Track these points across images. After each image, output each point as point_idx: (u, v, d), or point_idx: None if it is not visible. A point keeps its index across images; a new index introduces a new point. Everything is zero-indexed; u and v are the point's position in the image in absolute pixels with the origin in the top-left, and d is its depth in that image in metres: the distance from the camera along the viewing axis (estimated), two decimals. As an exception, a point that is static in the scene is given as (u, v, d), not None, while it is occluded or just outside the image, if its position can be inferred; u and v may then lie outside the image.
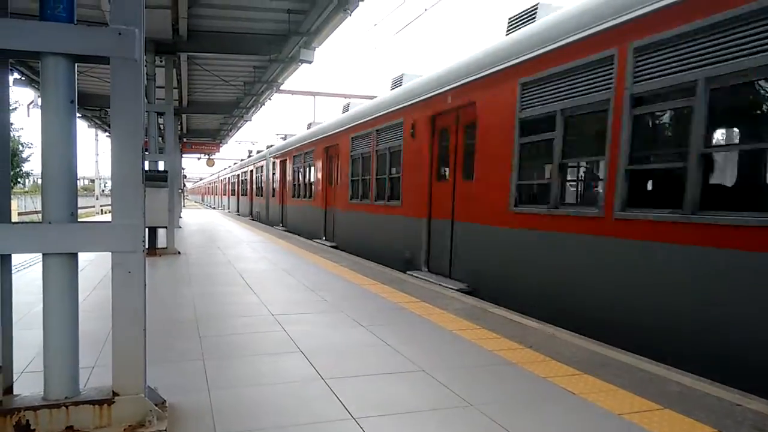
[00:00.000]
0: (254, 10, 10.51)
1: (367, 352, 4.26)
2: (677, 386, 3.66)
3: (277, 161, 21.13)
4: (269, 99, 17.90)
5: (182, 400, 3.22)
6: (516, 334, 4.93)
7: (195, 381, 3.58)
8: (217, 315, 5.51)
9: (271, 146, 25.57)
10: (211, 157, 37.99)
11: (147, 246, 8.33)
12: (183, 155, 29.47)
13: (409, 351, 4.30)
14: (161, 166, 11.43)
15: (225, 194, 40.58)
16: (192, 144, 30.11)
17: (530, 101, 6.54)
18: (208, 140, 30.82)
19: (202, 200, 75.40)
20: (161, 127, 16.68)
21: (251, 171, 28.41)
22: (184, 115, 22.09)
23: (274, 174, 22.14)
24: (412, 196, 9.46)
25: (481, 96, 7.51)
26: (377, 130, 11.18)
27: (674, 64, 4.73)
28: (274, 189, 21.82)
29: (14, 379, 2.86)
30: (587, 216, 5.57)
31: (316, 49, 11.39)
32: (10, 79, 2.85)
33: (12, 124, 2.95)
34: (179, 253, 11.02)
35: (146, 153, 10.49)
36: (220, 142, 32.10)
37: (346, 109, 15.69)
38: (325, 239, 14.90)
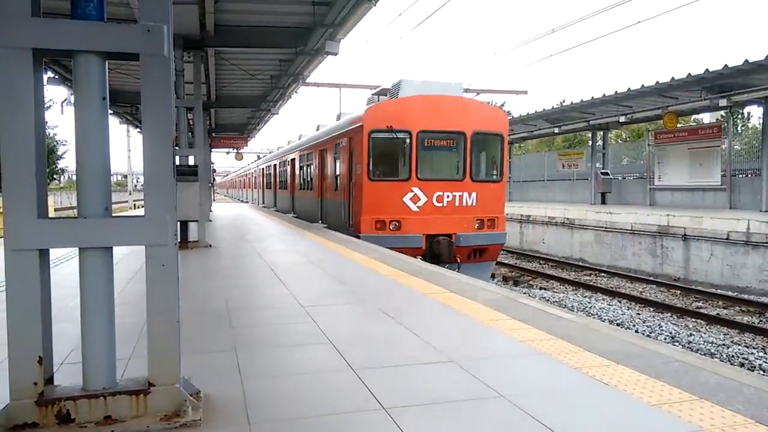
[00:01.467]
0: (279, 4, 10.55)
1: (395, 343, 4.27)
2: (714, 377, 3.59)
3: (288, 159, 24.86)
4: (295, 92, 17.99)
5: (216, 390, 3.28)
6: (547, 325, 4.89)
7: (228, 371, 3.64)
8: (247, 306, 5.59)
9: (290, 143, 29.03)
10: (239, 151, 38.60)
11: (179, 239, 8.55)
12: (212, 150, 29.87)
13: (438, 341, 4.30)
14: (191, 161, 11.59)
15: (252, 188, 42.84)
16: (220, 138, 30.45)
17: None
18: (236, 134, 31.13)
19: (227, 193, 75.93)
20: (191, 122, 16.92)
21: (274, 166, 30.63)
22: (212, 110, 22.36)
23: (285, 170, 25.85)
24: (316, 185, 18.43)
25: (321, 146, 17.76)
26: (307, 153, 20.29)
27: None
28: (285, 182, 25.40)
29: (54, 370, 2.94)
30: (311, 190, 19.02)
31: (341, 40, 11.39)
32: (45, 77, 2.90)
33: (47, 122, 3.01)
34: (210, 246, 11.18)
35: (177, 148, 10.64)
36: (248, 136, 32.39)
37: (317, 128, 22.58)
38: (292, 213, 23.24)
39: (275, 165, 29.34)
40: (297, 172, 22.02)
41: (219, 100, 20.08)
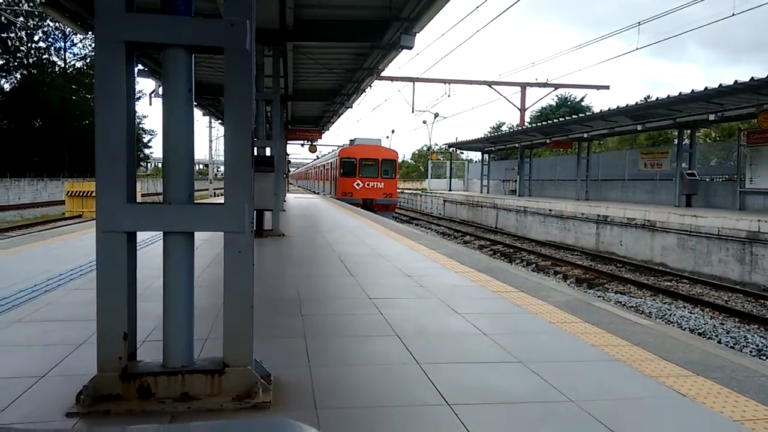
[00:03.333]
0: (357, -2, 10.65)
1: (462, 340, 4.24)
2: (806, 396, 3.33)
3: (331, 161, 38.79)
4: (370, 86, 18.12)
5: (285, 374, 3.37)
6: (621, 329, 4.71)
7: (297, 357, 3.73)
8: (317, 296, 5.71)
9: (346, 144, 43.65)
10: (313, 144, 40.36)
11: (255, 228, 8.72)
12: (287, 142, 31.10)
13: (506, 341, 4.23)
14: (268, 152, 11.93)
15: (320, 179, 50.05)
16: (296, 131, 31.30)
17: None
18: (311, 127, 31.91)
19: (297, 183, 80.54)
20: (269, 114, 17.41)
21: (331, 163, 42.07)
22: (289, 103, 22.90)
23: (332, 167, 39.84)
24: (330, 178, 37.06)
25: (329, 160, 39.13)
26: (322, 165, 44.22)
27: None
28: (333, 176, 38.88)
29: (137, 347, 3.12)
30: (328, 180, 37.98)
31: (417, 34, 11.36)
32: (136, 70, 3.07)
33: (136, 112, 3.17)
34: (283, 235, 11.49)
35: (255, 140, 11.07)
36: (322, 129, 33.03)
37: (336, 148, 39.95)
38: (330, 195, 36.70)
39: (324, 164, 45.94)
40: (326, 170, 40.06)
41: (296, 94, 20.53)
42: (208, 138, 44.31)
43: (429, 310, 5.18)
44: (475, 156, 51.43)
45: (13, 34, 55.77)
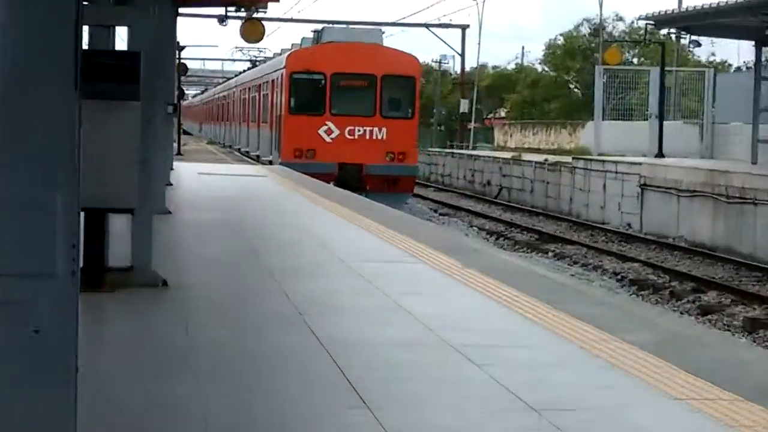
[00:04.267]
0: None
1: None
2: None
3: (270, 79, 20.27)
4: None
5: None
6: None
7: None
8: None
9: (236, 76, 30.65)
10: (255, 16, 15.67)
11: (82, 263, 2.74)
12: (178, 13, 11.40)
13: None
14: (120, 42, 5.69)
15: (247, 122, 24.01)
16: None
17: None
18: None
19: (199, 131, 42.64)
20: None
21: (270, 84, 20.23)
22: None
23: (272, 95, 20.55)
24: (256, 118, 21.00)
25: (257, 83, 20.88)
26: (249, 88, 23.30)
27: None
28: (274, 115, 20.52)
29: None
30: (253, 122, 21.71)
31: None
32: None
33: None
34: (165, 283, 4.33)
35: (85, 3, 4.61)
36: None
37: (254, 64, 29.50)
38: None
39: (255, 87, 22.85)
40: (259, 101, 20.63)
41: None
42: None
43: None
44: (729, 56, 23.40)
45: None
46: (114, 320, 4.05)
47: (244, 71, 29.38)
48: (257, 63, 28.12)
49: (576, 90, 37.28)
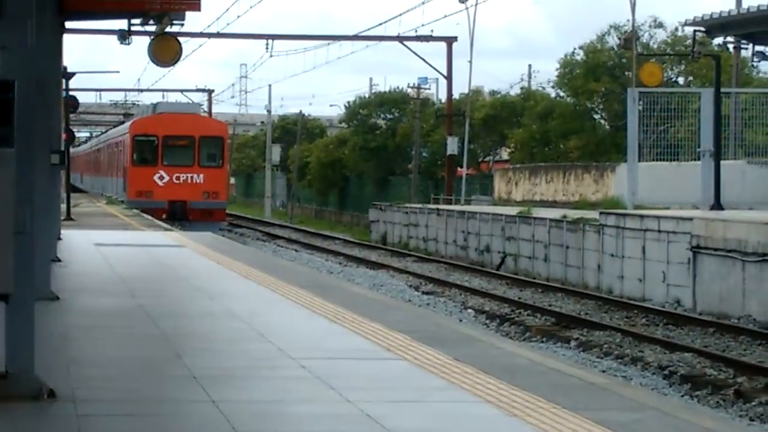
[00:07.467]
0: None
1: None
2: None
3: (119, 140, 29.53)
4: None
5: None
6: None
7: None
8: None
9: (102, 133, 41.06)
10: (170, 30, 11.83)
11: None
12: (64, 29, 10.67)
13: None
14: None
15: (106, 171, 29.80)
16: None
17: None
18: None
19: (89, 181, 39.74)
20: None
21: (118, 143, 28.58)
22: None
23: (121, 151, 29.27)
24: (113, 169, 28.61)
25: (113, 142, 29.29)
26: (108, 146, 30.47)
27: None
28: (122, 165, 29.60)
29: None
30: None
31: None
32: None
33: None
34: (50, 395, 3.05)
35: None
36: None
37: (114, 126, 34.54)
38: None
39: (111, 144, 30.22)
40: (113, 155, 28.60)
41: None
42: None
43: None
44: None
45: None
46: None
47: (117, 125, 35.51)
48: (131, 114, 36.02)
49: (602, 121, 30.20)
